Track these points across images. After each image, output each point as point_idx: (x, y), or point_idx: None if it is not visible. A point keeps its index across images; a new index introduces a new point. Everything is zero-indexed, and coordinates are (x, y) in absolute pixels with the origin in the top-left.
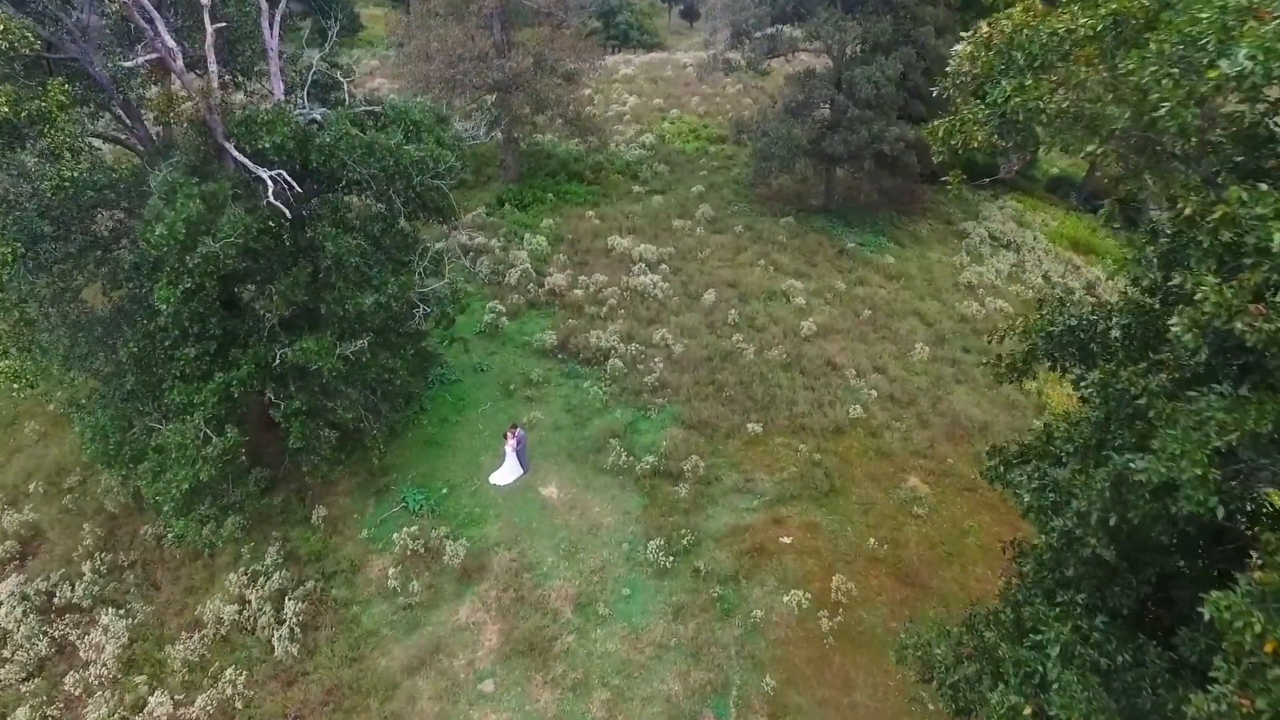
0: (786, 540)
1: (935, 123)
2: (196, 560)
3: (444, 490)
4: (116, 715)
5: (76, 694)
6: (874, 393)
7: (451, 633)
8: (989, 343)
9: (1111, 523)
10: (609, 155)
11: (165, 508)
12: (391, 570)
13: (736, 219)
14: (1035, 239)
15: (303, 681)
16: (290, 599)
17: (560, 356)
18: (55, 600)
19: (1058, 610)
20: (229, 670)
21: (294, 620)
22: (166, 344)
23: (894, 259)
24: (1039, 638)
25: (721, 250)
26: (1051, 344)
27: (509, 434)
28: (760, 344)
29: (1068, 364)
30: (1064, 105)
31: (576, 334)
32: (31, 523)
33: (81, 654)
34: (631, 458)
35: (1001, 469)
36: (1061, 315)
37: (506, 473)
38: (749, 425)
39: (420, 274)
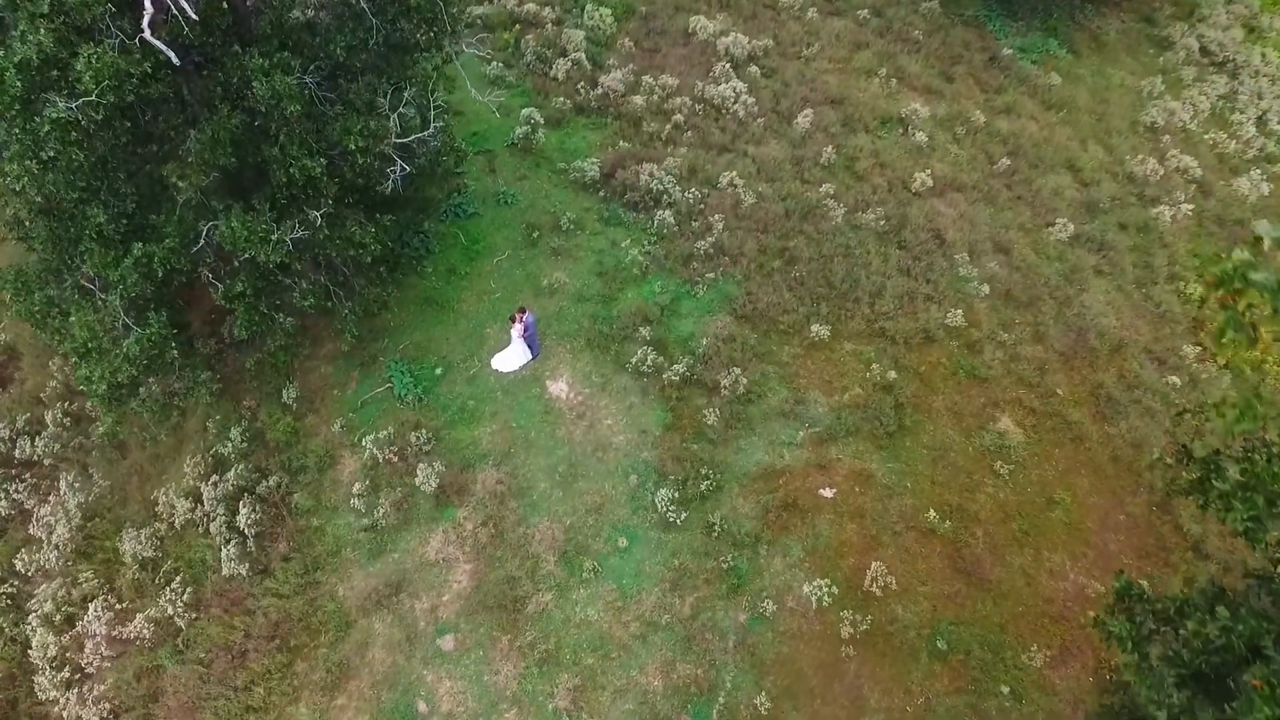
0: (828, 494)
1: None
2: (165, 421)
3: (438, 371)
4: (59, 614)
5: (29, 574)
6: (985, 288)
7: (418, 568)
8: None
9: None
10: None
11: (90, 399)
12: (356, 487)
13: None
14: (1264, 59)
15: (250, 606)
16: (245, 505)
17: (602, 194)
18: (16, 453)
19: None
20: (176, 580)
21: (248, 528)
22: (73, 196)
23: (1061, 77)
24: None
25: (834, 45)
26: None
27: (516, 317)
28: (855, 200)
29: None
30: None
31: (627, 163)
32: (7, 344)
33: (34, 529)
34: (661, 358)
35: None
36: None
37: (511, 357)
38: (814, 326)
39: (400, 117)
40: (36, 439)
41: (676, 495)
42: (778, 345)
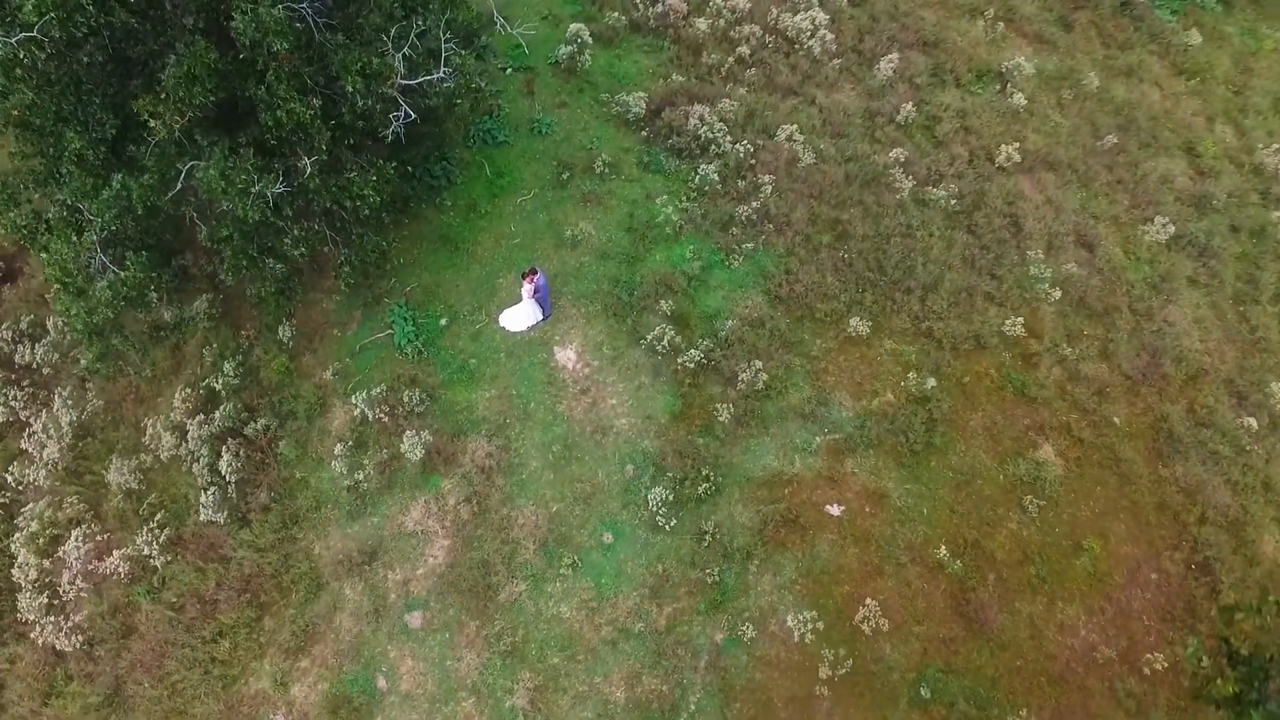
0: (835, 511)
1: None
2: (148, 359)
3: (442, 322)
4: (44, 535)
5: (20, 488)
6: (1057, 292)
7: (395, 537)
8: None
9: None
10: None
11: (70, 334)
12: (338, 448)
13: None
14: None
15: (226, 554)
16: (229, 450)
17: (645, 133)
18: (16, 358)
19: None
20: (157, 517)
21: (230, 474)
22: (47, 116)
23: (1202, 35)
24: None
25: None
26: None
27: (527, 278)
28: (927, 170)
29: None
30: None
31: (677, 101)
32: None
33: (25, 443)
34: (680, 337)
35: None
36: None
37: (521, 316)
38: (854, 320)
39: (405, 57)
40: (37, 345)
41: (670, 496)
42: (810, 335)
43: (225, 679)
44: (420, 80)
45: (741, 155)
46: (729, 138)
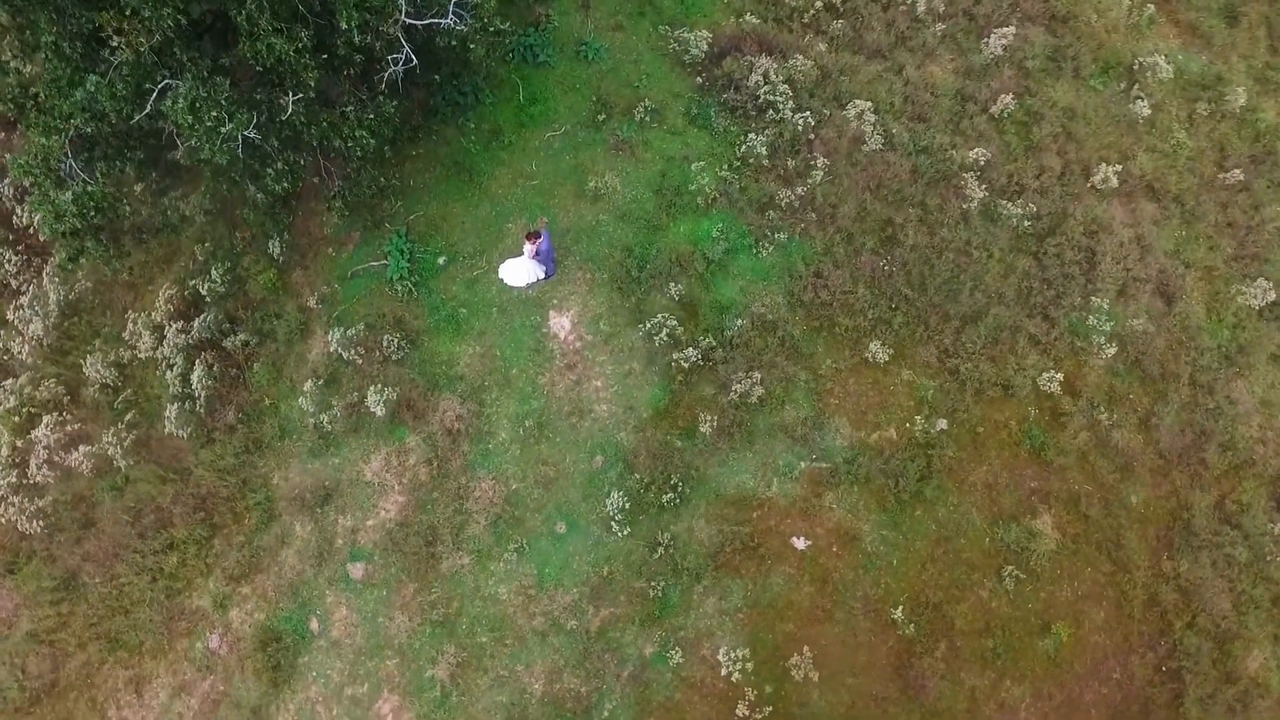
0: (800, 544)
1: None
2: (148, 244)
3: (440, 261)
4: (21, 413)
5: (4, 356)
6: (1113, 348)
7: (352, 483)
8: None
9: None
10: None
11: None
12: (308, 385)
13: None
14: None
15: (188, 468)
16: (202, 364)
17: (701, 80)
18: (15, 219)
19: None
20: (127, 417)
21: (200, 389)
22: None
23: None
24: None
25: None
26: None
27: (530, 238)
28: (1007, 179)
29: None
30: None
31: (745, 48)
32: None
33: (12, 315)
34: (682, 329)
35: None
36: None
37: (521, 270)
38: (873, 344)
39: None
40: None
41: (628, 504)
42: (824, 350)
43: (170, 591)
44: (427, 22)
45: (800, 128)
46: (791, 104)
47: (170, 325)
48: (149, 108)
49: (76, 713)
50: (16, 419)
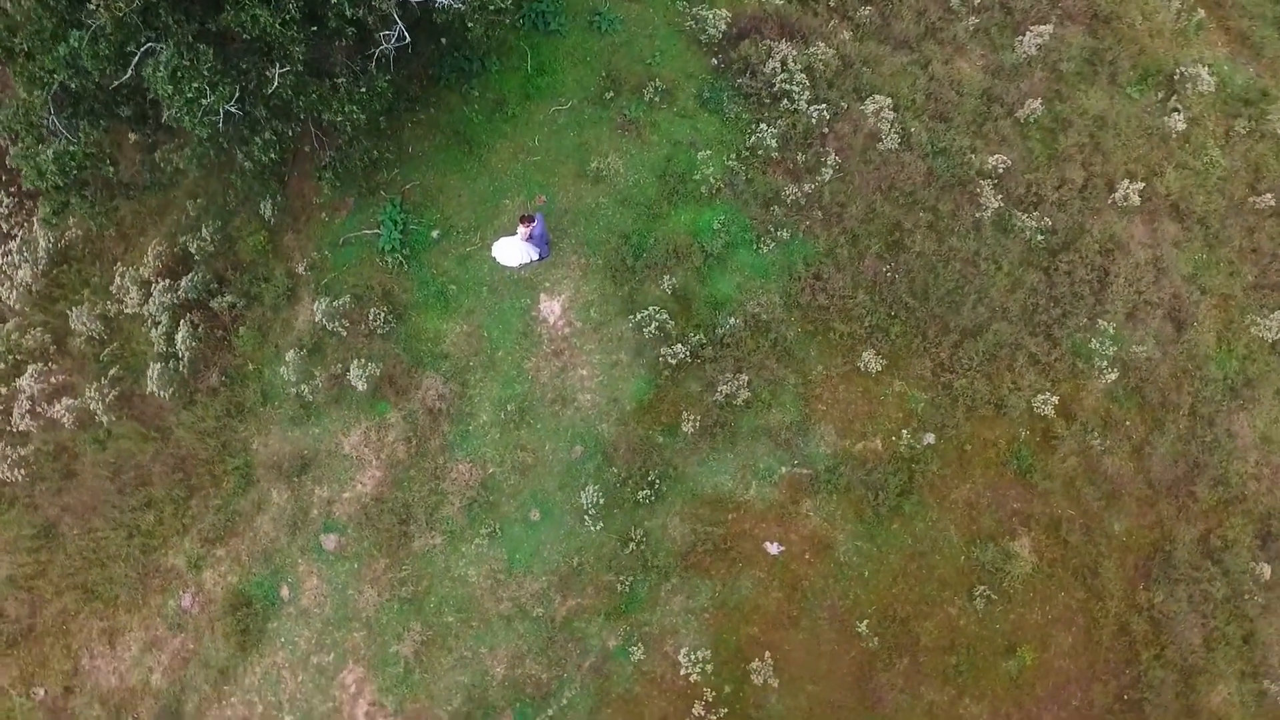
0: (773, 549)
1: None
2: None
3: (434, 234)
4: (7, 360)
5: None
6: (1115, 372)
7: (331, 455)
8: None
9: None
10: None
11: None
12: (291, 354)
13: None
14: None
15: (169, 427)
16: (186, 324)
17: (717, 61)
18: (8, 160)
19: None
20: (112, 372)
21: (184, 349)
22: None
23: None
24: None
25: None
26: None
27: (524, 222)
28: (1025, 189)
29: None
30: None
31: (765, 30)
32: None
33: (0, 260)
34: (673, 325)
35: None
36: None
37: (515, 251)
38: (867, 352)
39: None
40: None
41: (603, 500)
42: (815, 354)
43: (145, 548)
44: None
45: (814, 121)
46: (808, 94)
47: (158, 282)
48: (130, 72)
49: (52, 658)
50: (2, 365)
